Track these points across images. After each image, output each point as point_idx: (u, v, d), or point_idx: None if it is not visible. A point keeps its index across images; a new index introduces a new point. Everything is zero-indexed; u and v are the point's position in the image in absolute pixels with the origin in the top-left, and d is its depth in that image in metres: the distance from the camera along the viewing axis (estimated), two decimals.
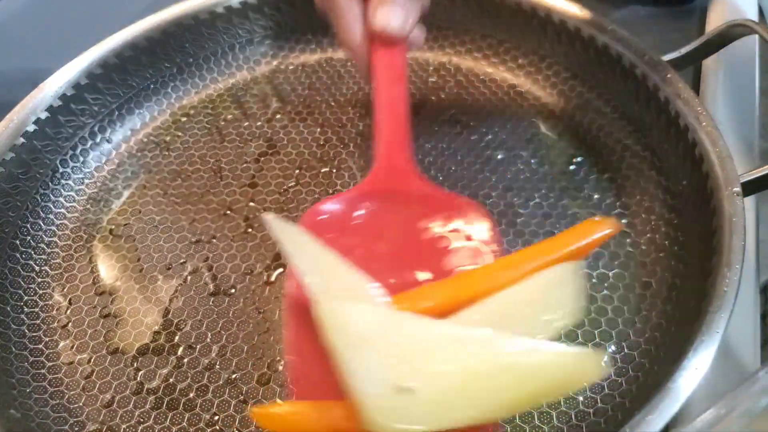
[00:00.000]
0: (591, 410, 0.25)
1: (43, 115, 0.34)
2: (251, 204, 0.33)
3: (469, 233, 0.25)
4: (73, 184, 0.35)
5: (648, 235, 0.30)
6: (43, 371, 0.28)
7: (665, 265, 0.29)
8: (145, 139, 0.38)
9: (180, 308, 0.29)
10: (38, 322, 0.30)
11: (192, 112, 0.39)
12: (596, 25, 0.34)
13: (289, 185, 0.34)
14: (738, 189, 0.26)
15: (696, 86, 0.39)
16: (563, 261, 0.21)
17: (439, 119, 0.37)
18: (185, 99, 0.40)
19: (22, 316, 0.30)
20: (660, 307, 0.28)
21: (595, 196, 0.32)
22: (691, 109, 0.30)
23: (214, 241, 0.32)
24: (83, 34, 0.38)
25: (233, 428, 0.25)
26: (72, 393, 0.27)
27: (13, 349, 0.28)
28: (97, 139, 0.37)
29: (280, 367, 0.27)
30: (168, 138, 0.38)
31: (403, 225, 0.26)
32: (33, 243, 0.32)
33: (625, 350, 0.27)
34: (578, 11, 0.35)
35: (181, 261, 0.31)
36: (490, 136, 0.35)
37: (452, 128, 0.36)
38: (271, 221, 0.21)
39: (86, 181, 0.35)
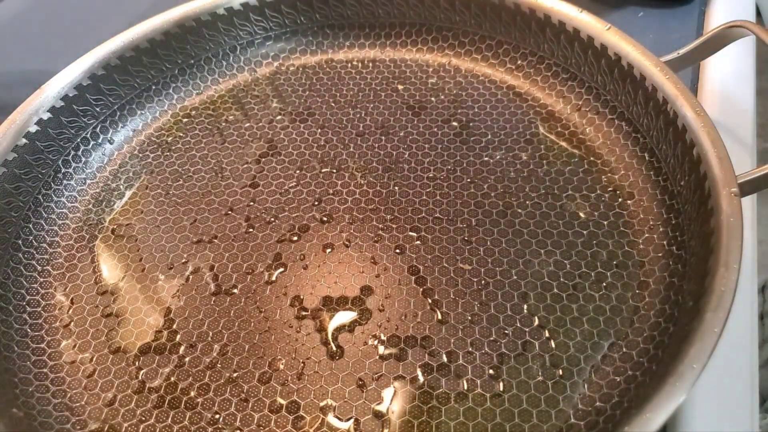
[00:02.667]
0: (590, 409, 0.25)
1: (45, 116, 0.34)
2: (252, 204, 0.34)
3: None
4: (75, 184, 0.35)
5: (646, 235, 0.30)
6: (45, 370, 0.28)
7: (663, 265, 0.29)
8: (147, 140, 0.38)
9: (181, 308, 0.30)
10: (40, 321, 0.30)
11: (193, 113, 0.39)
12: (595, 26, 0.35)
13: (290, 185, 0.34)
14: (736, 189, 0.26)
15: (694, 87, 0.39)
16: None
17: (439, 120, 0.37)
18: (187, 100, 0.40)
19: (25, 315, 0.30)
20: (658, 307, 0.28)
21: (593, 196, 0.32)
22: (690, 109, 0.30)
23: (216, 240, 0.32)
24: (85, 36, 0.38)
25: (234, 427, 0.26)
26: (74, 392, 0.27)
27: (16, 348, 0.29)
28: (99, 140, 0.37)
29: (281, 366, 0.27)
30: (170, 138, 0.38)
31: None
32: (35, 243, 0.32)
33: (624, 349, 0.27)
34: (577, 13, 0.35)
35: (183, 261, 0.31)
36: (489, 137, 0.36)
37: (452, 128, 0.36)
38: None
39: (88, 181, 0.36)
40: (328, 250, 0.31)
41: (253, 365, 0.27)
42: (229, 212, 0.33)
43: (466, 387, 0.26)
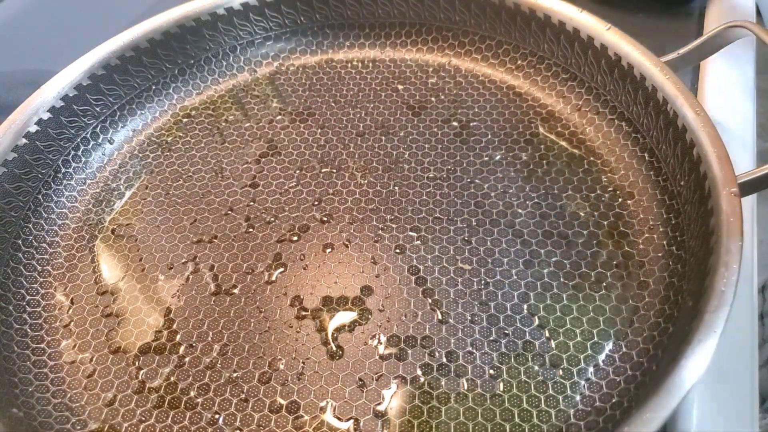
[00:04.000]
0: (589, 409, 0.25)
1: (45, 116, 0.34)
2: (252, 204, 0.34)
3: None
4: (75, 184, 0.35)
5: (646, 235, 0.30)
6: (45, 370, 0.28)
7: (663, 265, 0.29)
8: (147, 140, 0.38)
9: (181, 307, 0.30)
10: (40, 321, 0.30)
11: (193, 113, 0.39)
12: (595, 26, 0.35)
13: (290, 185, 0.34)
14: (736, 189, 0.26)
15: (694, 87, 0.39)
16: None
17: (439, 120, 0.37)
18: (186, 100, 0.40)
19: (25, 315, 0.30)
20: (658, 307, 0.28)
21: (593, 196, 0.32)
22: (690, 109, 0.30)
23: (216, 240, 0.32)
24: (85, 36, 0.38)
25: (234, 427, 0.26)
26: (74, 392, 0.27)
27: (16, 348, 0.29)
28: (99, 140, 0.37)
29: (281, 366, 0.27)
30: (169, 138, 0.38)
31: None
32: (35, 243, 0.32)
33: (624, 349, 0.27)
34: (577, 13, 0.35)
35: (183, 261, 0.31)
36: (489, 137, 0.36)
37: (452, 129, 0.36)
38: None
39: (88, 181, 0.36)
40: (328, 250, 0.31)
41: (253, 365, 0.27)
42: (229, 212, 0.33)
43: (466, 387, 0.26)
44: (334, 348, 0.28)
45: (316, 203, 0.33)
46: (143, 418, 0.26)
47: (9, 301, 0.30)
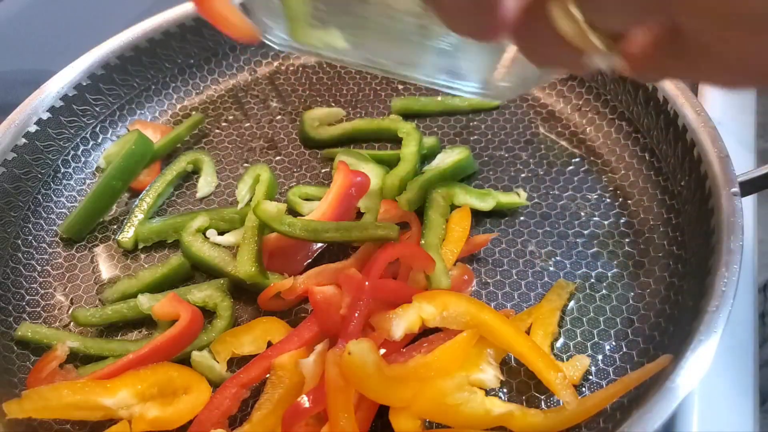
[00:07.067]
0: None
1: (45, 116, 0.34)
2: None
3: None
4: (74, 184, 0.35)
5: (646, 234, 0.30)
6: None
7: (664, 265, 0.29)
8: None
9: None
10: (40, 321, 0.30)
11: (193, 113, 0.39)
12: None
13: (291, 185, 0.34)
14: (736, 189, 0.26)
15: (695, 87, 0.39)
16: None
17: (440, 119, 0.37)
18: (186, 100, 0.40)
19: (24, 315, 0.30)
20: (658, 307, 0.28)
21: (594, 196, 0.32)
22: (690, 109, 0.30)
23: None
24: (85, 36, 0.38)
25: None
26: None
27: (15, 348, 0.29)
28: (99, 140, 0.37)
29: None
30: None
31: None
32: (35, 243, 0.32)
33: (624, 349, 0.27)
34: None
35: None
36: (490, 137, 0.36)
37: (452, 128, 0.36)
38: None
39: (88, 181, 0.36)
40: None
41: None
42: None
43: None
44: None
45: None
46: None
47: (8, 302, 0.30)
